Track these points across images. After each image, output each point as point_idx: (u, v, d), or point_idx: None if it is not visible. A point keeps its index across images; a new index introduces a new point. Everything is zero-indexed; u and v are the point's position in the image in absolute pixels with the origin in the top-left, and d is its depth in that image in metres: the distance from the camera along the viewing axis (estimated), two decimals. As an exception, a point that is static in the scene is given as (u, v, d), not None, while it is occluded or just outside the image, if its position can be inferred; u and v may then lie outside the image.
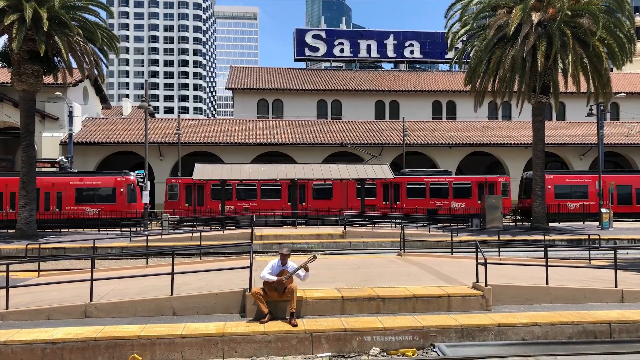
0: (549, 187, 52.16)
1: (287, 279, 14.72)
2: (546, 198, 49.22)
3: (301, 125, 68.38)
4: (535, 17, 39.16)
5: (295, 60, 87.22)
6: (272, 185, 50.81)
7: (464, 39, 46.50)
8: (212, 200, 50.59)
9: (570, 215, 52.47)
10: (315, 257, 15.55)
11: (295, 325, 13.86)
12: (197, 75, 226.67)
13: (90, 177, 50.06)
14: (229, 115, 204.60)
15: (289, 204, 50.46)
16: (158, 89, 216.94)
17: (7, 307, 15.03)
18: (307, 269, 15.11)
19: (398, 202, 52.36)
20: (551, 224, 47.20)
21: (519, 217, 54.74)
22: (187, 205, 50.59)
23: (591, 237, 32.94)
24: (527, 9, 39.30)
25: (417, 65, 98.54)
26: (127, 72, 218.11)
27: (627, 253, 31.25)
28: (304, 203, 50.06)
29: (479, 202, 51.82)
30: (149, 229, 43.44)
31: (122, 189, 47.52)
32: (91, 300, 15.20)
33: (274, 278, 14.68)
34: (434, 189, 51.87)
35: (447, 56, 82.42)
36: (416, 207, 51.20)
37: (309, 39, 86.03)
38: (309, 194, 51.26)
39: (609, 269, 19.07)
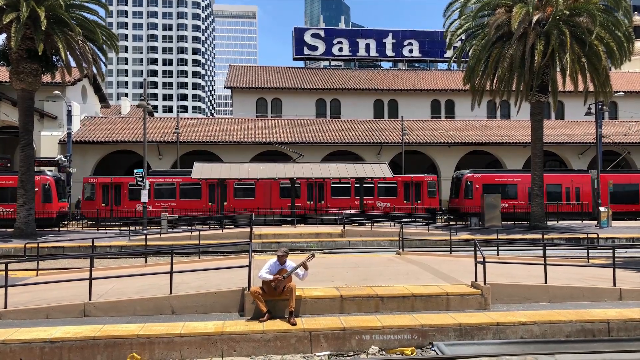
0: (477, 186, 52.17)
1: (285, 278, 14.74)
2: (475, 198, 50.39)
3: (300, 124, 68.34)
4: (535, 16, 39.18)
5: (294, 59, 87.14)
6: (194, 185, 51.03)
7: (463, 37, 46.45)
8: (130, 200, 50.23)
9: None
10: (313, 256, 15.57)
11: (294, 324, 13.90)
12: (196, 74, 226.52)
13: (3, 177, 49.17)
14: (228, 114, 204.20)
15: (210, 203, 50.93)
16: (157, 88, 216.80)
17: (5, 306, 15.05)
18: (306, 268, 15.12)
19: (322, 202, 51.92)
20: (550, 223, 47.23)
21: (449, 217, 53.84)
22: (104, 205, 50.18)
23: (590, 236, 32.94)
24: (530, 8, 39.25)
25: (416, 64, 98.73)
26: (126, 71, 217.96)
27: (626, 252, 31.31)
28: (225, 203, 49.71)
29: (405, 201, 52.06)
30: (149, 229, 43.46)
31: (36, 189, 46.81)
32: (90, 299, 15.22)
33: (270, 277, 14.71)
34: (359, 188, 50.07)
35: (445, 55, 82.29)
36: (340, 207, 49.98)
37: (307, 37, 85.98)
38: (230, 193, 50.76)
39: (607, 268, 19.12)
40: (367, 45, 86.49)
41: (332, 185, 51.64)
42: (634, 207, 54.59)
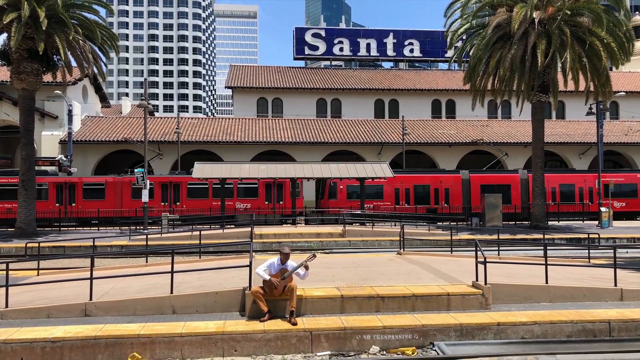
0: (341, 187, 51.88)
1: (284, 279, 14.74)
2: (339, 200, 50.03)
3: (301, 124, 68.39)
4: (536, 15, 39.17)
5: (295, 59, 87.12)
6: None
7: (464, 37, 46.46)
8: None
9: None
10: (314, 256, 15.57)
11: (295, 324, 13.89)
12: (196, 74, 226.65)
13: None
14: (229, 114, 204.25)
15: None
16: (157, 88, 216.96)
17: (6, 306, 15.04)
18: (307, 268, 15.13)
19: (178, 203, 51.06)
20: (551, 223, 47.24)
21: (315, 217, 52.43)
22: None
23: (591, 236, 32.92)
24: (531, 7, 39.24)
25: (417, 64, 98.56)
26: (127, 70, 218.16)
27: (627, 252, 31.31)
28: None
29: (266, 202, 51.50)
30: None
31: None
32: (91, 299, 15.21)
33: (267, 277, 14.72)
34: (217, 189, 49.27)
35: (446, 55, 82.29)
36: (196, 208, 50.12)
37: (308, 37, 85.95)
38: (79, 194, 50.10)
39: (608, 268, 19.10)
40: (368, 45, 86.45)
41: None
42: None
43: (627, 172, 56.68)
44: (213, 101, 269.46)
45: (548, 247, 19.41)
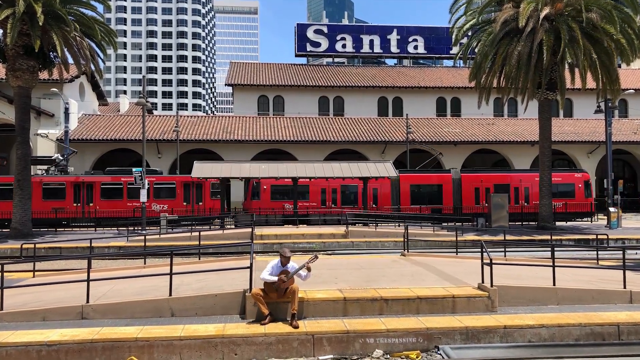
0: (265, 187, 51.42)
1: (288, 279, 14.72)
2: (262, 200, 49.64)
3: (302, 122, 68.41)
4: (543, 11, 39.12)
5: (297, 55, 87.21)
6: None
7: (469, 33, 46.42)
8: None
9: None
10: (316, 257, 15.57)
11: (296, 327, 13.90)
12: (196, 71, 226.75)
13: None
14: (229, 112, 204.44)
15: (75, 204, 49.88)
16: (156, 85, 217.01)
17: (1, 308, 15.04)
18: (309, 269, 15.10)
19: (91, 204, 50.02)
20: (558, 224, 47.21)
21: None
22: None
23: (599, 236, 32.87)
24: (539, 3, 39.20)
25: (421, 61, 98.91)
26: (125, 67, 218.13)
27: (637, 253, 31.17)
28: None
29: (185, 203, 50.80)
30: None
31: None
32: (88, 301, 15.21)
33: (275, 278, 14.67)
34: (133, 189, 48.64)
35: (451, 51, 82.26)
36: (111, 210, 49.47)
37: (310, 34, 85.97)
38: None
39: (617, 270, 19.07)
40: (371, 42, 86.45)
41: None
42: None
43: (565, 171, 55.82)
44: (213, 99, 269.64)
45: (555, 249, 19.37)
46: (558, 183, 52.88)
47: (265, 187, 51.44)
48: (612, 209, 45.78)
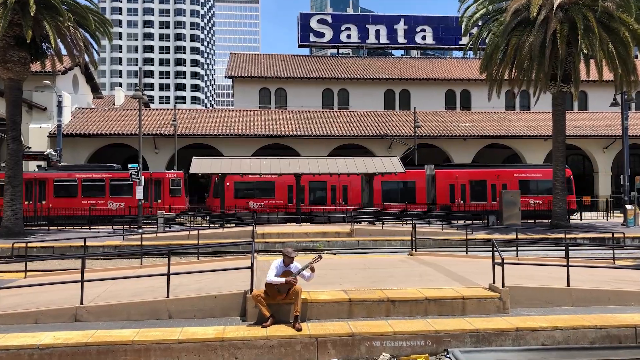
0: (228, 184, 50.73)
1: (293, 278, 14.67)
2: (226, 198, 48.59)
3: (306, 116, 68.37)
4: (556, 0, 39.04)
5: (300, 46, 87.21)
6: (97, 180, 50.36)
7: (480, 23, 46.37)
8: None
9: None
10: (320, 257, 15.54)
11: (299, 330, 13.88)
12: (194, 63, 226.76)
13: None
14: (229, 106, 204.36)
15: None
16: (153, 77, 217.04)
17: (-8, 310, 15.06)
18: (312, 269, 15.08)
19: (44, 202, 49.54)
20: (573, 221, 47.16)
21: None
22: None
23: (615, 235, 32.85)
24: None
25: (430, 52, 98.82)
26: (120, 59, 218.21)
27: (655, 252, 31.19)
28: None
29: (143, 201, 50.15)
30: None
31: None
32: (81, 303, 15.21)
33: (282, 280, 14.62)
34: (88, 185, 49.11)
35: (461, 42, 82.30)
36: (65, 207, 48.87)
37: (314, 24, 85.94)
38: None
39: (634, 270, 19.10)
40: (377, 32, 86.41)
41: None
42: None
43: (544, 167, 55.42)
44: (212, 92, 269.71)
45: (570, 248, 19.34)
46: (537, 179, 52.97)
47: (228, 184, 50.84)
48: (628, 207, 45.68)
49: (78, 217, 46.64)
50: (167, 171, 52.97)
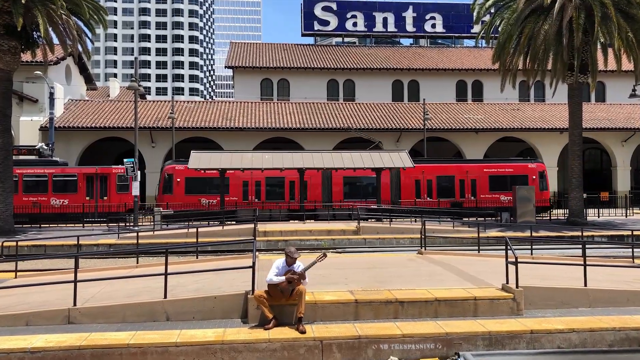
0: (179, 180, 50.48)
1: (297, 277, 14.63)
2: (176, 194, 48.68)
3: (310, 108, 68.30)
4: (573, -14, 39.01)
5: (303, 35, 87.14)
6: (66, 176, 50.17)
7: (492, 10, 46.31)
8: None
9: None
10: (325, 256, 15.54)
11: (303, 332, 13.85)
12: (193, 52, 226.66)
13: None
14: (229, 97, 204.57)
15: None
16: (149, 68, 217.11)
17: (-19, 312, 15.07)
18: (304, 277, 15.00)
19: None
20: (589, 218, 47.09)
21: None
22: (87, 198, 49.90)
23: (635, 232, 32.77)
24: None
25: (440, 41, 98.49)
26: (115, 48, 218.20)
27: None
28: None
29: (88, 197, 49.76)
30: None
31: None
32: (75, 304, 15.21)
33: (282, 279, 14.60)
34: (30, 182, 48.83)
35: (473, 30, 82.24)
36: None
37: (318, 11, 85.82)
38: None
39: (655, 269, 19.02)
40: (385, 20, 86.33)
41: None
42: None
43: (517, 161, 55.88)
44: (211, 83, 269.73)
45: (587, 246, 19.31)
46: (508, 174, 52.83)
47: (179, 179, 50.48)
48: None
49: (19, 215, 45.35)
50: (114, 166, 52.43)
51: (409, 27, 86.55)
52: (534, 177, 53.61)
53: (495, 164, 54.69)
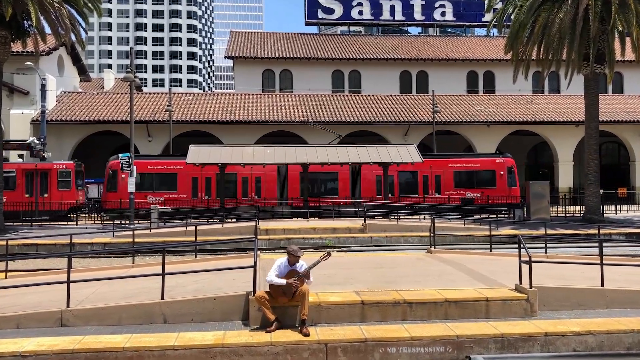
0: (123, 176, 48.69)
1: (300, 278, 14.62)
2: (121, 192, 48.03)
3: (314, 100, 68.27)
4: (588, -28, 38.94)
5: (307, 24, 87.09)
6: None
7: (505, -2, 46.30)
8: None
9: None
10: (329, 255, 15.50)
11: (307, 335, 13.83)
12: (191, 42, 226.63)
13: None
14: (229, 89, 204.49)
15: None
16: (146, 58, 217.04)
17: (-31, 314, 15.08)
18: (307, 277, 14.98)
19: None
20: (606, 215, 47.04)
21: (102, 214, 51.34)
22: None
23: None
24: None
25: (449, 30, 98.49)
26: (110, 38, 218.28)
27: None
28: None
29: (27, 195, 49.41)
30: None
31: None
32: (68, 306, 15.20)
33: (283, 281, 14.56)
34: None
35: (484, 19, 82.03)
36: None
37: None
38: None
39: (675, 268, 18.99)
40: (392, 8, 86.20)
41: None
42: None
43: (483, 156, 55.79)
44: (211, 74, 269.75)
45: (604, 244, 19.29)
46: (475, 170, 52.90)
47: (123, 176, 48.81)
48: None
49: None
50: (55, 162, 52.34)
51: (418, 15, 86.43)
52: (502, 172, 53.50)
53: (460, 159, 54.91)
